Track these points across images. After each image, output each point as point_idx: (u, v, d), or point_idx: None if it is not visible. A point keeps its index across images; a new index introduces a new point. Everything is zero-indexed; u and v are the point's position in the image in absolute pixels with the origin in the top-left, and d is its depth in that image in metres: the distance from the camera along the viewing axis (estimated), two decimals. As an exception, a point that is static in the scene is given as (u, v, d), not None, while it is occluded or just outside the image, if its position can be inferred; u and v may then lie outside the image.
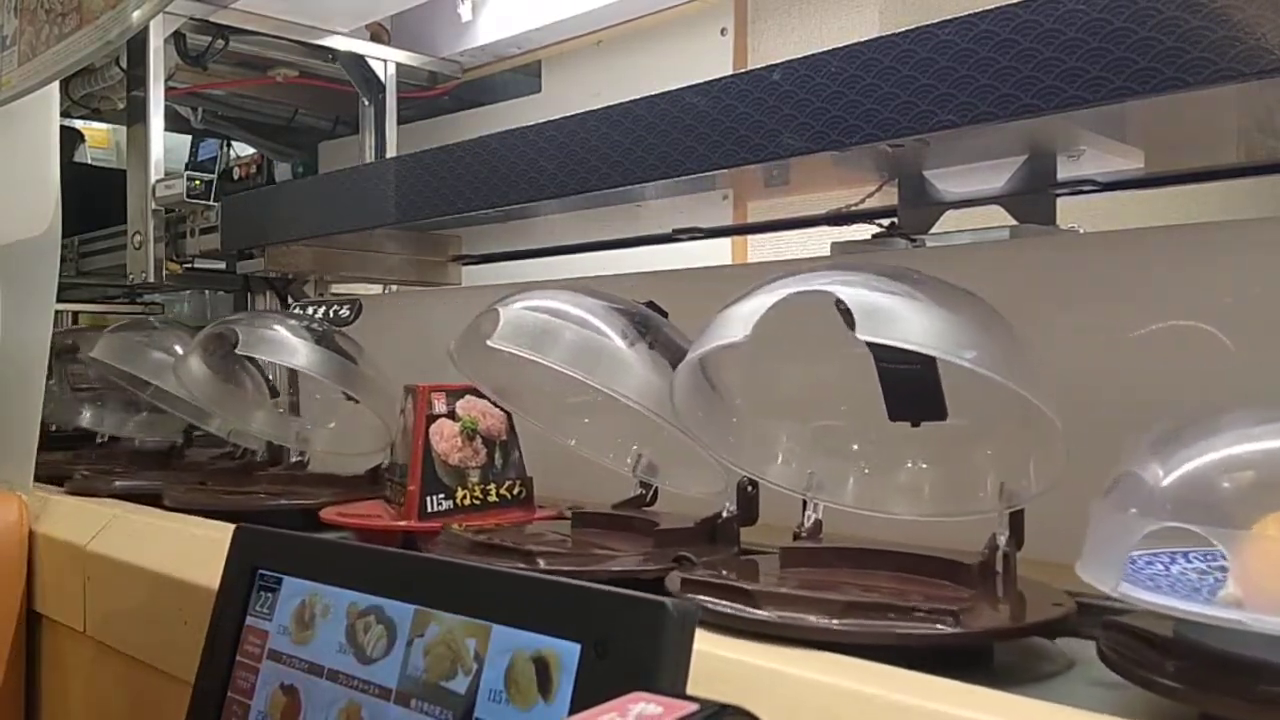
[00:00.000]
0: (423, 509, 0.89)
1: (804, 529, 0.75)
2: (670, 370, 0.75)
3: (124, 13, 1.05)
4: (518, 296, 0.82)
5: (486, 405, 0.95)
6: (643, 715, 0.32)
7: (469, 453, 0.93)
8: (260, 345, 1.09)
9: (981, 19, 0.69)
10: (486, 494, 0.94)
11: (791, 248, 1.35)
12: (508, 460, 0.96)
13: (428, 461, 0.91)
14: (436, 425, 0.92)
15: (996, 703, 0.46)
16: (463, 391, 0.94)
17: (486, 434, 0.94)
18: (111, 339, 1.32)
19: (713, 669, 0.51)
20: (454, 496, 0.91)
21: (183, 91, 1.82)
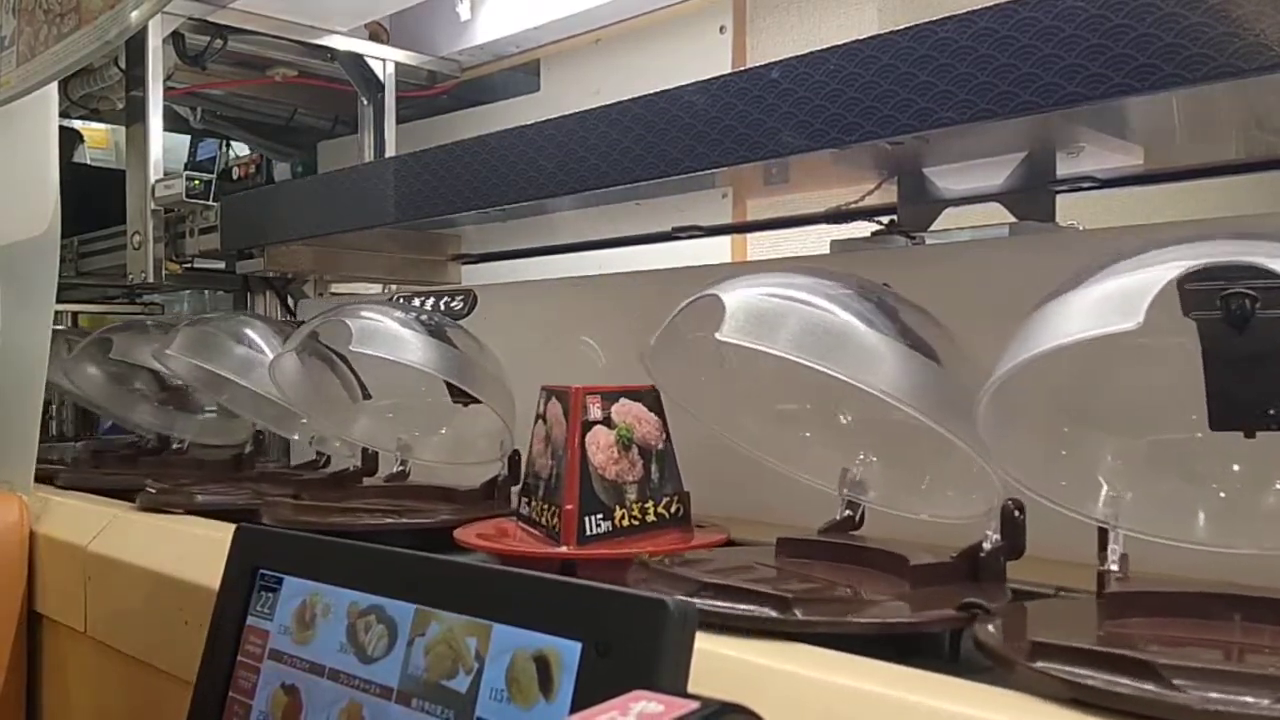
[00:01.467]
0: (581, 532, 0.77)
1: (1111, 566, 0.60)
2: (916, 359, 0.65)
3: (122, 13, 1.05)
4: (732, 280, 0.68)
5: (641, 409, 0.83)
6: (644, 714, 0.32)
7: (625, 465, 0.80)
8: (376, 341, 0.95)
9: (980, 16, 0.69)
10: (645, 513, 0.81)
11: (791, 246, 1.35)
12: (664, 473, 0.83)
13: (585, 476, 0.78)
14: (592, 434, 0.79)
15: (998, 701, 0.46)
16: (617, 394, 0.82)
17: (642, 443, 0.82)
18: (192, 333, 1.20)
19: (713, 667, 0.51)
20: (612, 516, 0.79)
21: (181, 91, 1.82)
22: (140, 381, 1.51)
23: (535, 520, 0.82)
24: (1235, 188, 0.96)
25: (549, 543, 0.78)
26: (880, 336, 0.63)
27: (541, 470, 0.82)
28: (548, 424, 0.82)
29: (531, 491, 0.84)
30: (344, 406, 1.14)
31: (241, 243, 1.46)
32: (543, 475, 0.82)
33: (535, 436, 0.84)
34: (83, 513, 1.13)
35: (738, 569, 0.69)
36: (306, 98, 1.96)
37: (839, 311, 0.64)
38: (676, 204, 1.18)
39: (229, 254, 1.50)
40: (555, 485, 0.79)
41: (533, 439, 0.85)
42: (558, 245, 1.43)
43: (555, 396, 0.82)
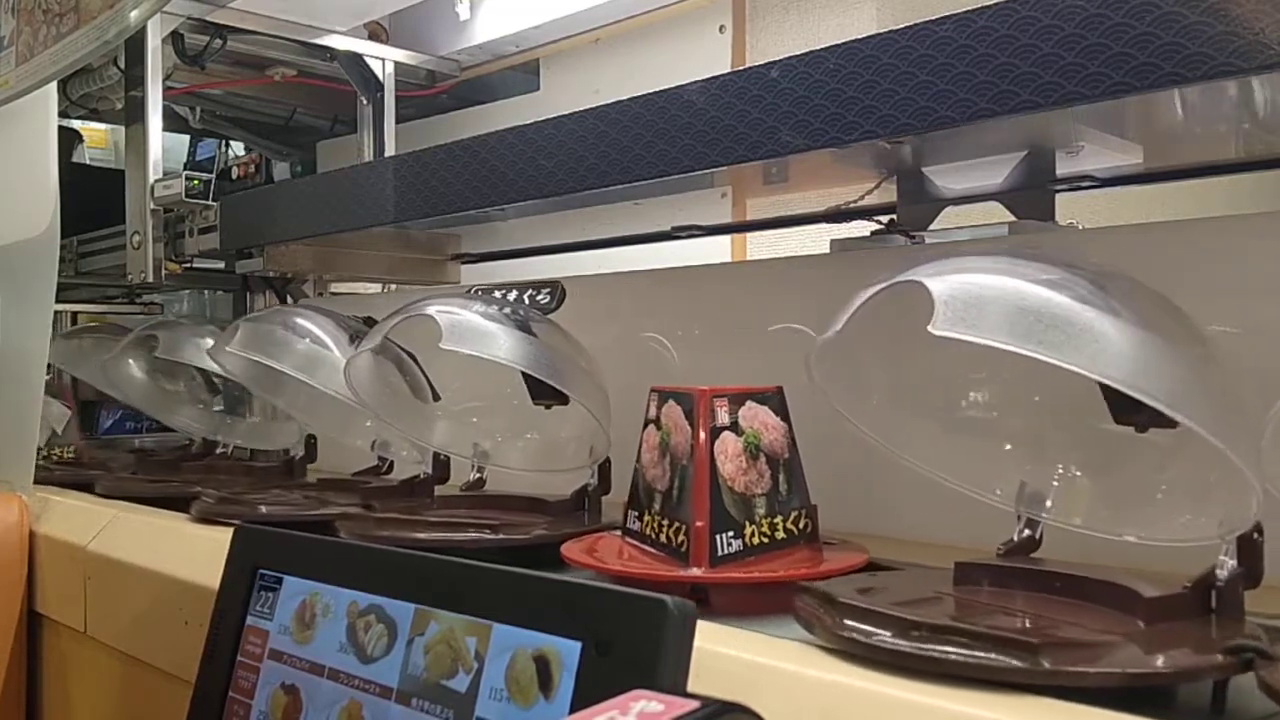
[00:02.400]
0: (714, 552, 0.69)
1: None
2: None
3: (122, 13, 1.05)
4: (928, 266, 0.59)
5: (767, 414, 0.75)
6: (644, 713, 0.32)
7: (754, 476, 0.72)
8: (469, 338, 0.86)
9: (979, 15, 0.69)
10: (774, 529, 0.73)
11: (790, 245, 1.35)
12: (792, 484, 0.75)
13: (715, 489, 0.70)
14: (720, 441, 0.71)
15: (999, 701, 0.46)
16: (744, 396, 0.74)
17: (770, 451, 0.74)
18: (253, 328, 1.10)
19: (713, 667, 0.51)
20: (743, 534, 0.71)
21: (181, 91, 1.82)
22: (184, 382, 1.45)
23: (650, 537, 0.74)
24: (1235, 187, 0.96)
25: (673, 563, 0.70)
26: (1129, 328, 0.54)
27: (656, 481, 0.74)
28: (663, 429, 0.74)
29: (643, 505, 0.75)
30: (419, 409, 1.06)
31: (241, 242, 1.46)
32: (658, 487, 0.73)
33: (646, 444, 0.76)
34: (82, 512, 1.13)
35: (927, 601, 0.59)
36: (306, 97, 1.96)
37: (1074, 301, 0.55)
38: (676, 203, 1.18)
39: (228, 254, 1.50)
40: (679, 499, 0.71)
41: (642, 446, 0.76)
42: (557, 245, 1.43)
43: (673, 399, 0.74)
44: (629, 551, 0.75)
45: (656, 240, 1.30)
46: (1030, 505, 0.66)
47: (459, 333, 0.86)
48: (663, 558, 0.71)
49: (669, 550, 0.71)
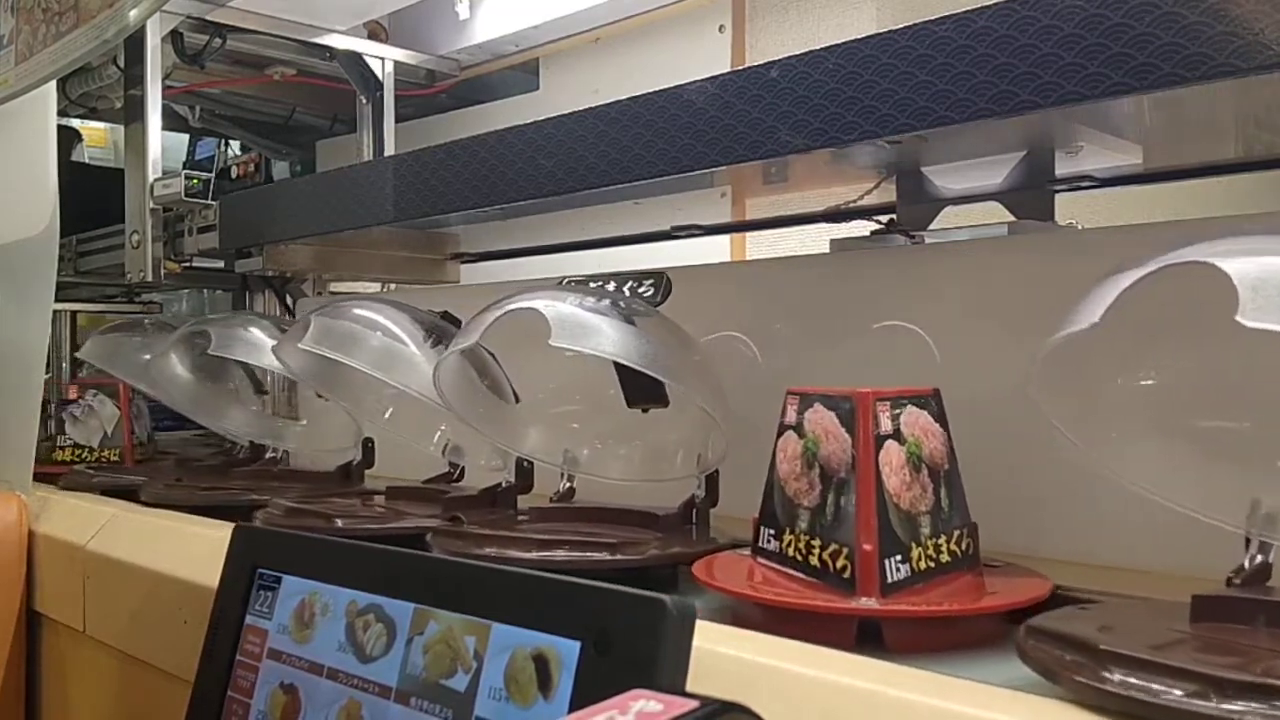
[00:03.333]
0: (884, 580, 0.61)
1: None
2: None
3: (121, 11, 1.05)
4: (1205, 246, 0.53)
5: (927, 420, 0.66)
6: (643, 713, 0.32)
7: (918, 491, 0.64)
8: (582, 335, 0.78)
9: (979, 15, 0.69)
10: (939, 551, 0.64)
11: (789, 245, 1.35)
12: (953, 500, 0.67)
13: (881, 507, 0.62)
14: (884, 451, 0.63)
15: (999, 700, 0.46)
16: (904, 400, 0.66)
17: (931, 462, 0.66)
18: (326, 323, 1.01)
19: (713, 666, 0.51)
20: (910, 558, 0.62)
21: (180, 90, 1.82)
22: (233, 382, 1.36)
23: (794, 559, 0.65)
24: (1234, 187, 0.96)
25: (831, 592, 0.62)
26: None
27: (800, 496, 0.66)
28: (807, 437, 0.66)
29: (782, 522, 0.67)
30: (506, 413, 0.98)
31: (240, 242, 1.46)
32: (803, 502, 0.65)
33: (784, 453, 0.68)
34: (81, 512, 1.13)
35: (1178, 644, 0.50)
36: (305, 96, 1.96)
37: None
38: (675, 203, 1.18)
39: (228, 253, 1.50)
40: (835, 517, 0.63)
41: (777, 455, 0.68)
42: (557, 244, 1.43)
43: (822, 402, 0.66)
44: (766, 574, 0.67)
45: (656, 240, 1.30)
46: (1265, 527, 0.58)
47: (569, 328, 0.78)
48: (815, 585, 0.63)
49: (823, 575, 0.63)
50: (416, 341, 1.00)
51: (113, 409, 1.46)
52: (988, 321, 0.85)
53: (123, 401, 1.46)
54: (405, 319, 1.02)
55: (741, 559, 0.71)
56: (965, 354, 0.85)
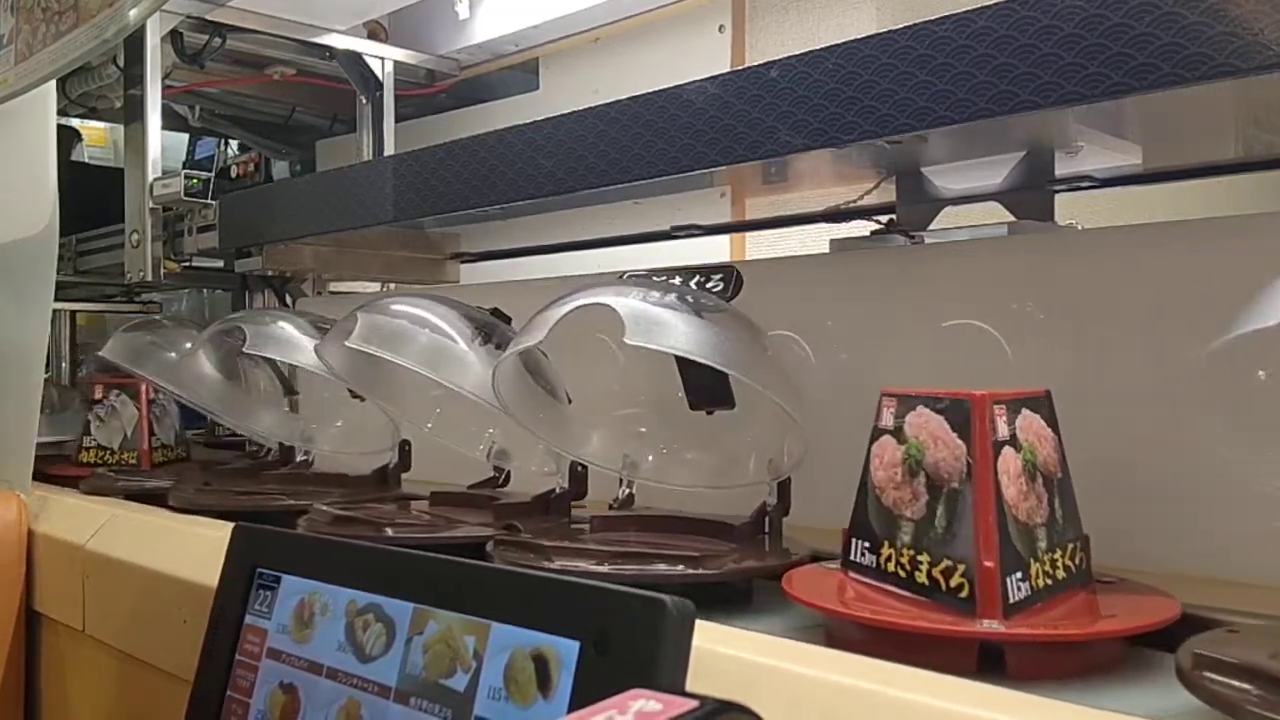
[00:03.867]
0: (1005, 600, 0.56)
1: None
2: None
3: (121, 11, 1.05)
4: None
5: (1040, 424, 0.62)
6: (642, 712, 0.32)
7: (1034, 501, 0.60)
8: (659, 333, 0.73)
9: (978, 15, 0.69)
10: (1055, 567, 0.60)
11: (790, 245, 1.35)
12: (1066, 510, 0.62)
13: (1001, 519, 0.57)
14: (1002, 459, 0.59)
15: (998, 700, 0.46)
16: (1019, 402, 0.61)
17: (1045, 470, 0.61)
18: (374, 320, 0.94)
19: (713, 666, 0.51)
20: (1029, 574, 0.58)
21: (180, 90, 1.82)
22: (264, 383, 1.31)
23: (896, 575, 0.61)
24: (1235, 187, 0.96)
25: (945, 612, 0.57)
26: None
27: (902, 506, 0.61)
28: (909, 442, 0.61)
29: (881, 535, 0.62)
30: (563, 416, 0.93)
31: (240, 241, 1.46)
32: (906, 513, 0.61)
33: (880, 460, 0.63)
34: (81, 511, 1.13)
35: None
36: (305, 96, 1.96)
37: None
38: (675, 203, 1.18)
39: (227, 253, 1.50)
40: (948, 530, 0.58)
41: (872, 462, 0.64)
42: (556, 244, 1.43)
43: (927, 405, 0.61)
44: (861, 591, 0.62)
45: (656, 240, 1.30)
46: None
47: (643, 325, 0.72)
48: (925, 604, 0.58)
49: (933, 594, 0.58)
50: (466, 339, 0.94)
51: (133, 410, 1.41)
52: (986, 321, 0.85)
53: (142, 402, 1.40)
54: (454, 315, 0.96)
55: (828, 573, 0.66)
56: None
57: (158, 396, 1.41)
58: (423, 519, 0.95)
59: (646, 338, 0.72)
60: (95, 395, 1.40)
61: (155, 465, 1.39)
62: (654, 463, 0.91)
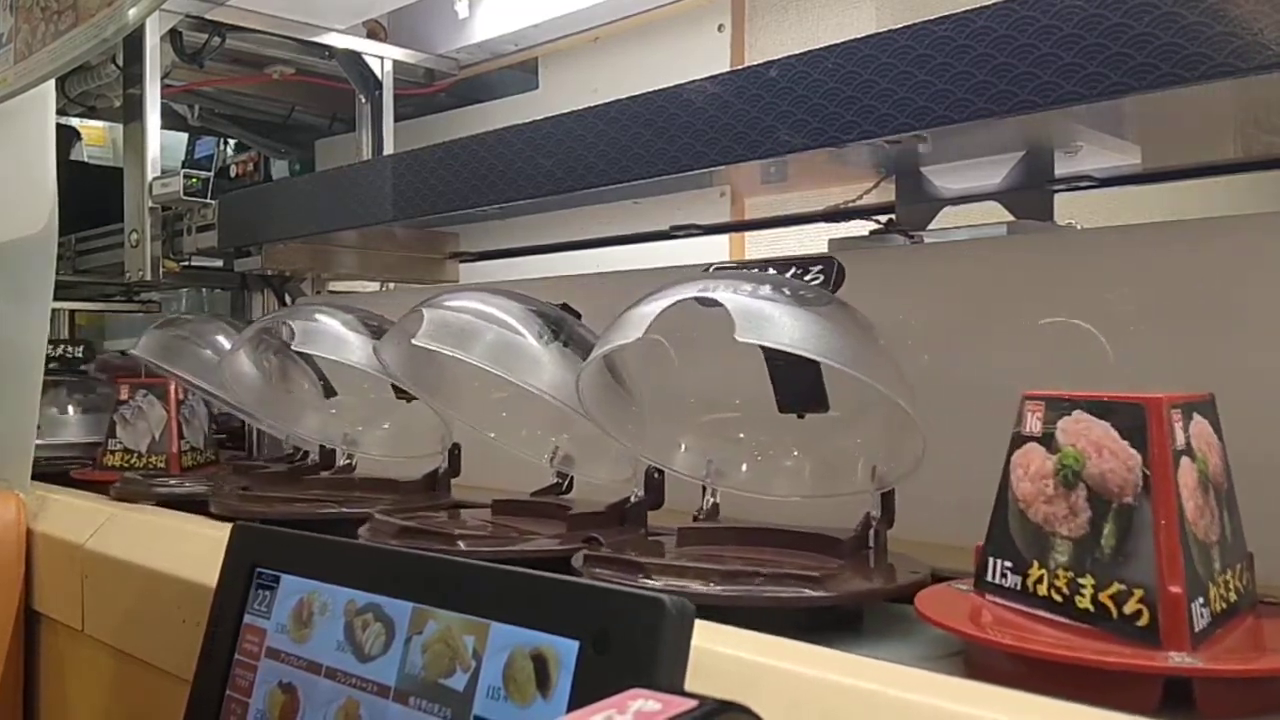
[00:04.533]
0: (1191, 628, 0.50)
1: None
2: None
3: (120, 10, 1.05)
4: None
5: (1206, 429, 0.57)
6: (641, 712, 0.32)
7: (1209, 518, 0.55)
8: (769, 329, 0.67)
9: (978, 15, 0.69)
10: (1228, 589, 0.55)
11: (789, 244, 1.35)
12: (1234, 526, 0.57)
13: (1184, 538, 0.52)
14: (1180, 471, 0.54)
15: (998, 700, 0.46)
16: (1189, 407, 0.56)
17: (1215, 481, 0.56)
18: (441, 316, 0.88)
19: (712, 666, 0.51)
20: (1208, 599, 0.53)
21: (179, 89, 1.82)
22: (309, 383, 1.24)
23: (1048, 599, 0.55)
24: (1234, 187, 0.96)
25: (1123, 643, 0.51)
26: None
27: (1056, 522, 0.55)
28: (1064, 451, 0.56)
29: (1028, 554, 0.56)
30: (643, 420, 0.86)
31: (239, 241, 1.45)
32: (1061, 530, 0.55)
33: (1023, 470, 0.58)
34: (80, 511, 1.13)
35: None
36: (304, 95, 1.96)
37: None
38: (674, 202, 1.18)
39: (226, 252, 1.50)
40: (1120, 550, 0.53)
41: (1014, 473, 0.58)
42: (556, 244, 1.43)
43: (1087, 409, 0.55)
44: (1001, 615, 0.56)
45: (655, 239, 1.30)
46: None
47: (754, 322, 0.67)
48: (1091, 632, 0.53)
49: (1101, 621, 0.52)
50: (536, 336, 0.88)
51: (161, 411, 1.34)
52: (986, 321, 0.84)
53: (171, 403, 1.33)
54: (523, 311, 0.90)
55: (960, 594, 0.60)
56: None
57: (187, 397, 1.35)
58: (494, 530, 0.90)
59: (758, 334, 0.67)
60: (121, 396, 1.35)
61: (184, 469, 1.33)
62: (746, 470, 0.85)
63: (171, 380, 1.31)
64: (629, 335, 0.73)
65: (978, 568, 0.59)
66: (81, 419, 1.66)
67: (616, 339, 0.74)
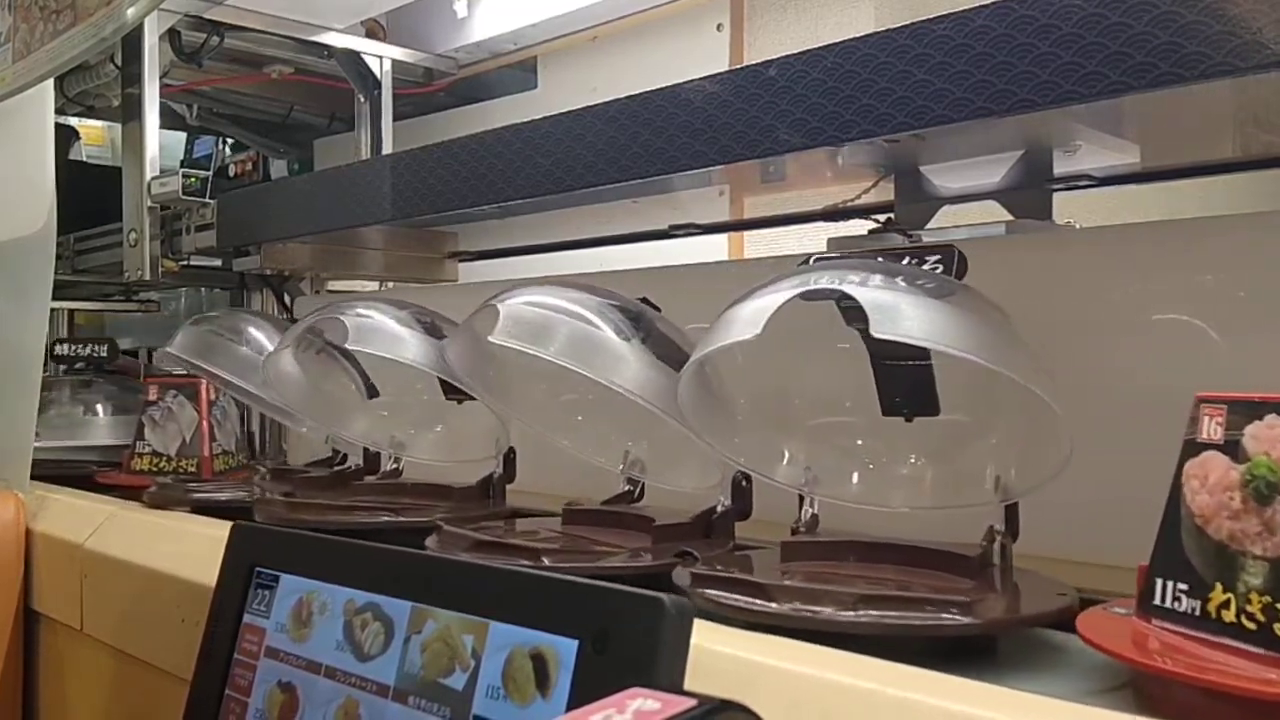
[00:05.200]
0: None
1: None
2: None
3: (119, 10, 1.05)
4: None
5: None
6: (640, 711, 0.32)
7: None
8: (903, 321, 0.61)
9: (977, 14, 0.69)
10: None
11: (788, 243, 1.35)
12: None
13: None
14: None
15: (994, 697, 0.46)
16: None
17: None
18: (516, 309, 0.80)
19: (711, 665, 0.51)
20: None
21: (178, 89, 1.82)
22: (352, 383, 1.17)
23: (1235, 626, 0.49)
24: (1232, 186, 0.96)
25: None
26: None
27: (1243, 541, 0.50)
28: (1256, 461, 0.50)
29: (1207, 575, 0.51)
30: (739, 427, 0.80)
31: (238, 240, 1.45)
32: (1250, 549, 0.49)
33: (1199, 481, 0.53)
34: (79, 510, 1.13)
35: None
36: (303, 95, 1.96)
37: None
38: (673, 201, 1.17)
39: (225, 251, 1.50)
40: None
41: (1186, 484, 0.53)
42: (555, 243, 1.43)
43: None
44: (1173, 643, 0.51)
45: (654, 239, 1.30)
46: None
47: (889, 316, 0.61)
48: None
49: None
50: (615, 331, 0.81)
51: (192, 412, 1.27)
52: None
53: (202, 404, 1.26)
54: (602, 305, 0.83)
55: (1118, 619, 0.55)
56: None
57: (218, 398, 1.29)
58: (573, 543, 0.82)
59: (894, 329, 0.61)
60: (149, 396, 1.29)
61: (216, 474, 1.26)
62: (856, 480, 0.78)
63: (203, 380, 1.25)
64: (744, 332, 0.66)
65: (1142, 590, 0.54)
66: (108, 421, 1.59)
67: (728, 336, 0.67)
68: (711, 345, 0.68)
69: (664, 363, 0.77)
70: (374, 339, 0.98)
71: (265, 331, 1.20)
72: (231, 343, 1.19)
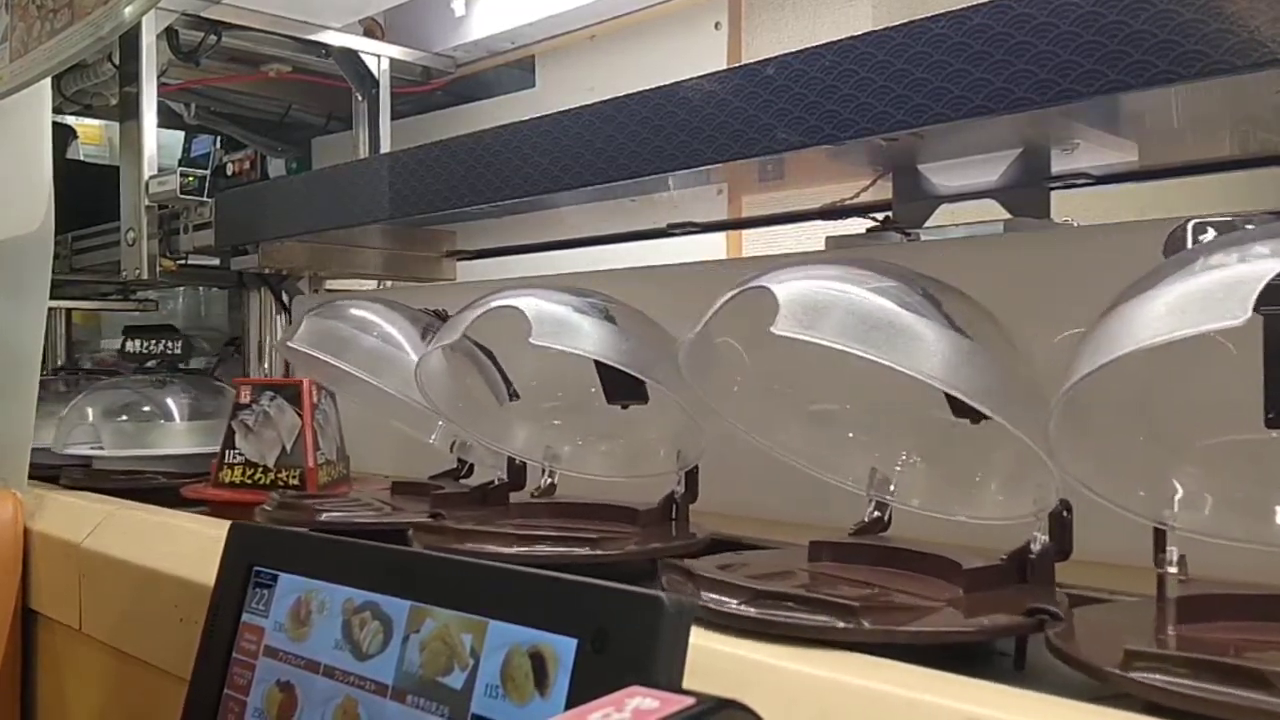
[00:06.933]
0: None
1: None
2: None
3: (116, 8, 1.04)
4: None
5: None
6: (639, 710, 0.32)
7: None
8: None
9: (975, 13, 0.69)
10: None
11: (786, 242, 1.35)
12: None
13: None
14: None
15: (992, 696, 0.46)
16: None
17: None
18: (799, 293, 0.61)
19: (710, 664, 0.51)
20: None
21: (175, 87, 1.81)
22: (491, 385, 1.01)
23: None
24: (1230, 184, 0.96)
25: None
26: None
27: None
28: None
29: None
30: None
31: (236, 239, 1.45)
32: None
33: None
34: (77, 509, 1.13)
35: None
36: (301, 94, 1.96)
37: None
38: (672, 200, 1.17)
39: (223, 250, 1.50)
40: None
41: None
42: (552, 242, 1.43)
43: None
44: None
45: (652, 237, 1.30)
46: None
47: None
48: None
49: None
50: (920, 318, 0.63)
51: (293, 417, 1.11)
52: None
53: (305, 407, 1.11)
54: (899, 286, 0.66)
55: None
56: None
57: (320, 400, 1.14)
58: (878, 592, 0.64)
59: None
60: (241, 399, 1.14)
61: (321, 487, 1.11)
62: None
63: (305, 380, 1.12)
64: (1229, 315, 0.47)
65: None
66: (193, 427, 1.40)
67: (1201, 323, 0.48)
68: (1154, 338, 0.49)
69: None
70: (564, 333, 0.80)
71: (392, 321, 1.03)
72: (361, 336, 1.02)
